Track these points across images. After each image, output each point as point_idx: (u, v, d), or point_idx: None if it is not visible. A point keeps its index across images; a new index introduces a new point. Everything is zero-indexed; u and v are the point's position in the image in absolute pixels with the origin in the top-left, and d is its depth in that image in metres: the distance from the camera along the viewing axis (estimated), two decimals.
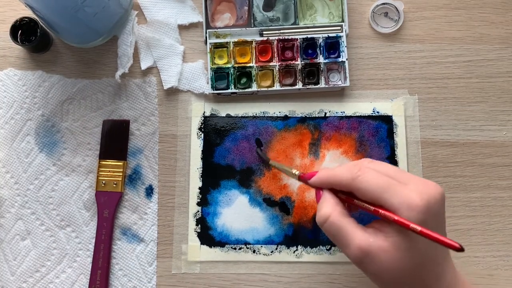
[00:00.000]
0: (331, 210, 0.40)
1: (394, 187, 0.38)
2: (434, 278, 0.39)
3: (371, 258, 0.38)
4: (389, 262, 0.37)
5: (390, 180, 0.38)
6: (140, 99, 0.54)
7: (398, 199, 0.37)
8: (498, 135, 0.54)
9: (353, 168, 0.40)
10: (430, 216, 0.37)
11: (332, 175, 0.41)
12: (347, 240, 0.38)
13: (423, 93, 0.55)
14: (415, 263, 0.38)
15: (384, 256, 0.37)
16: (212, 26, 0.56)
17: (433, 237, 0.35)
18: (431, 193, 0.37)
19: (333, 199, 0.41)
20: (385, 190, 0.38)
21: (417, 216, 0.36)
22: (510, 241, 0.52)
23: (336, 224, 0.39)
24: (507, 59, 0.55)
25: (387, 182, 0.38)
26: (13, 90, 0.54)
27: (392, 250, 0.37)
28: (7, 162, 0.53)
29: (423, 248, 0.38)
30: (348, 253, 0.39)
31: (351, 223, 0.39)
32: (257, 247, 0.52)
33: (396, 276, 0.38)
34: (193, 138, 0.54)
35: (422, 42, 0.56)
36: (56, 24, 0.51)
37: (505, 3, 0.56)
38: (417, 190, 0.37)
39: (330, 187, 0.41)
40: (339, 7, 0.56)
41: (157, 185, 0.53)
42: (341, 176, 0.40)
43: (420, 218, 0.36)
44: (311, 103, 0.55)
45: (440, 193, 0.38)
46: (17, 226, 0.52)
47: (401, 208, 0.37)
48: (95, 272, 0.51)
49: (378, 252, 0.37)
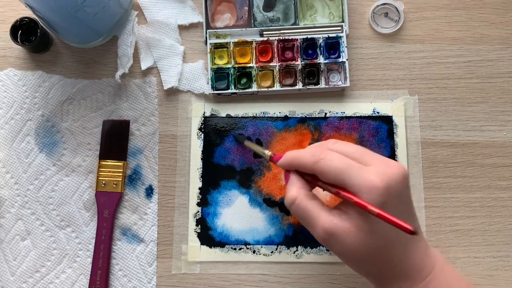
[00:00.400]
0: (297, 193, 0.40)
1: (354, 169, 0.38)
2: (398, 258, 0.39)
3: (335, 239, 0.38)
4: (352, 242, 0.38)
5: (351, 163, 0.38)
6: (140, 99, 0.54)
7: (358, 181, 0.37)
8: (499, 135, 0.54)
9: (317, 151, 0.40)
10: (391, 197, 0.37)
11: (296, 158, 0.41)
12: (312, 222, 0.39)
13: (423, 94, 0.55)
14: (378, 244, 0.38)
15: (348, 237, 0.38)
16: (212, 26, 0.56)
17: (388, 219, 0.36)
18: (392, 174, 0.37)
19: (299, 182, 0.41)
20: (345, 173, 0.38)
21: (377, 198, 0.36)
22: (510, 241, 0.52)
23: (302, 206, 0.40)
24: (507, 60, 0.55)
25: (348, 165, 0.38)
26: (13, 90, 0.54)
27: (355, 231, 0.38)
28: (7, 162, 0.53)
29: (385, 229, 0.38)
30: (314, 234, 0.40)
31: (316, 205, 0.39)
32: (257, 247, 0.52)
33: (360, 256, 0.39)
34: (193, 139, 0.54)
35: (422, 43, 0.56)
36: (56, 24, 0.51)
37: (505, 3, 0.56)
38: (377, 172, 0.37)
39: (296, 169, 0.42)
40: (339, 7, 0.56)
41: (157, 185, 0.53)
42: (304, 159, 0.40)
43: (380, 200, 0.36)
44: (311, 103, 0.55)
45: (402, 174, 0.38)
46: (17, 226, 0.52)
47: (361, 190, 0.37)
48: (95, 273, 0.51)
49: (341, 233, 0.38)
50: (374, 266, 0.40)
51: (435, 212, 0.53)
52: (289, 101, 0.55)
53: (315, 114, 0.54)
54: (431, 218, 0.52)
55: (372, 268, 0.40)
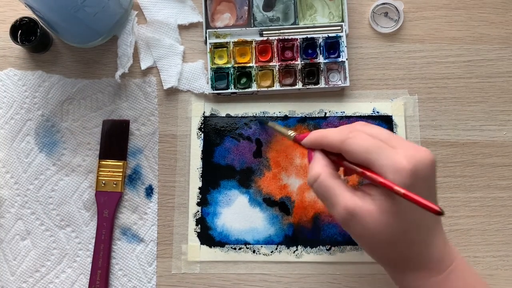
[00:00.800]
0: (321, 170, 0.39)
1: (382, 150, 0.37)
2: (420, 245, 0.39)
3: (357, 219, 0.37)
4: (374, 224, 0.37)
5: (379, 143, 0.38)
6: (140, 99, 0.54)
7: (386, 162, 0.36)
8: (498, 135, 0.54)
9: (345, 130, 0.40)
10: (418, 180, 0.36)
11: (323, 136, 0.41)
12: (334, 200, 0.38)
13: (423, 93, 0.55)
14: (401, 227, 0.37)
15: (370, 219, 0.37)
16: (212, 26, 0.56)
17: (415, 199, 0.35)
18: (420, 157, 0.37)
19: (324, 160, 0.40)
20: (374, 152, 0.37)
21: (403, 180, 0.36)
22: (510, 241, 0.52)
23: (325, 184, 0.39)
24: (507, 59, 0.55)
25: (376, 145, 0.37)
26: (13, 90, 0.54)
27: (378, 213, 0.37)
28: (7, 162, 0.53)
29: (410, 213, 0.37)
30: (335, 213, 0.39)
31: (340, 184, 0.39)
32: (257, 247, 0.52)
33: (381, 240, 0.38)
34: (193, 138, 0.54)
35: (422, 42, 0.56)
36: (56, 24, 0.51)
37: (505, 3, 0.56)
38: (405, 154, 0.36)
39: (321, 148, 0.41)
40: (339, 7, 0.56)
41: (157, 185, 0.53)
42: (332, 138, 0.40)
43: (407, 182, 0.36)
44: (311, 103, 0.55)
45: (430, 159, 0.37)
46: (17, 226, 0.52)
47: (387, 171, 0.36)
48: (95, 272, 0.51)
49: (364, 214, 0.37)
50: (394, 251, 0.39)
51: None
52: (289, 101, 0.55)
53: (315, 114, 0.54)
54: None
55: (392, 253, 0.39)
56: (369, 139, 0.38)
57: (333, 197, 0.38)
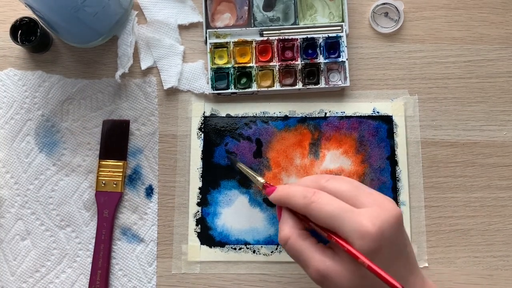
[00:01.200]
0: (290, 233, 0.40)
1: (346, 214, 0.37)
2: None
3: (329, 280, 0.38)
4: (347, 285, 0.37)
5: (343, 206, 0.38)
6: (140, 99, 0.54)
7: (350, 227, 0.36)
8: (498, 135, 0.54)
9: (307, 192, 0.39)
10: (385, 241, 0.36)
11: (287, 198, 0.41)
12: (306, 263, 0.39)
13: (423, 93, 0.55)
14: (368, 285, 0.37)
15: (340, 280, 0.37)
16: (212, 26, 0.56)
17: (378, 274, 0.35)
18: (385, 217, 0.37)
19: (292, 220, 0.41)
20: (337, 218, 0.37)
21: (370, 244, 0.36)
22: (510, 241, 0.52)
23: (295, 247, 0.39)
24: (507, 59, 0.55)
25: (339, 209, 0.37)
26: (13, 90, 0.54)
27: (348, 275, 0.37)
28: (7, 162, 0.53)
29: None
30: (308, 274, 0.39)
31: (310, 245, 0.39)
32: (257, 247, 0.52)
33: None
34: (193, 138, 0.54)
35: (422, 42, 0.56)
36: (56, 24, 0.51)
37: (505, 3, 0.56)
38: (370, 216, 0.36)
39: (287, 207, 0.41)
40: (339, 7, 0.56)
41: (157, 185, 0.53)
42: (296, 201, 0.40)
43: (373, 246, 0.36)
44: (311, 103, 0.55)
45: (395, 216, 0.37)
46: (17, 226, 0.52)
47: (353, 236, 0.36)
48: (95, 272, 0.51)
49: (334, 276, 0.37)
50: None
51: (435, 212, 0.53)
52: (289, 101, 0.55)
53: (315, 114, 0.54)
54: (431, 218, 0.52)
55: None
56: (332, 203, 0.38)
57: (304, 260, 0.39)
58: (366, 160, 0.53)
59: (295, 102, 0.55)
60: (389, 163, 0.53)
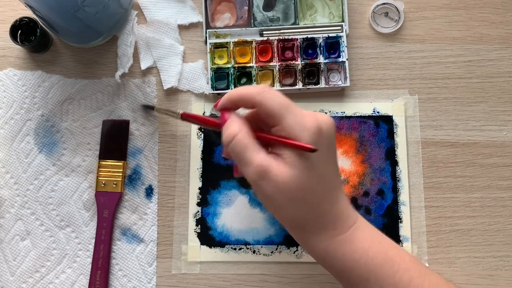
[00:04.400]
0: (239, 129, 0.40)
1: (293, 107, 0.40)
2: (330, 200, 0.41)
3: (270, 176, 0.39)
4: (287, 180, 0.39)
5: (290, 102, 0.41)
6: (140, 99, 0.54)
7: (294, 120, 0.39)
8: (499, 135, 0.54)
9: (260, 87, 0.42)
10: (322, 138, 0.39)
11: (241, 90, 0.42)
12: (250, 158, 0.39)
13: (423, 93, 0.55)
14: (311, 182, 0.39)
15: (282, 175, 0.39)
16: (212, 26, 0.56)
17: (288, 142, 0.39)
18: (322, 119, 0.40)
19: (241, 120, 0.42)
20: (286, 108, 0.40)
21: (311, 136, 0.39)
22: (510, 241, 0.52)
23: (242, 142, 0.40)
24: (507, 59, 0.55)
25: (288, 103, 0.40)
26: (13, 90, 0.54)
27: (289, 168, 0.39)
28: (7, 162, 0.53)
29: (319, 166, 0.40)
30: (248, 171, 0.40)
31: (256, 144, 0.40)
32: (257, 247, 0.52)
33: (292, 197, 0.39)
34: (193, 138, 0.54)
35: (422, 42, 0.56)
36: (56, 24, 0.51)
37: (505, 3, 0.56)
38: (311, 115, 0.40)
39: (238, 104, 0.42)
40: (339, 7, 0.55)
41: (157, 185, 0.53)
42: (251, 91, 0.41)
43: (313, 138, 0.39)
44: (311, 103, 0.54)
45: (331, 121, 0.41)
46: (16, 226, 0.52)
47: (296, 128, 0.39)
48: (94, 273, 0.51)
49: (276, 170, 0.39)
50: (304, 208, 0.40)
51: (435, 212, 0.53)
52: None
53: None
54: (431, 218, 0.52)
55: (301, 211, 0.40)
56: (283, 97, 0.41)
57: (249, 155, 0.40)
58: (366, 160, 0.53)
59: (295, 102, 0.54)
60: (389, 163, 0.53)
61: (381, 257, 0.41)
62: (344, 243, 0.41)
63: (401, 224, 0.52)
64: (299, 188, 0.39)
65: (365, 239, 0.41)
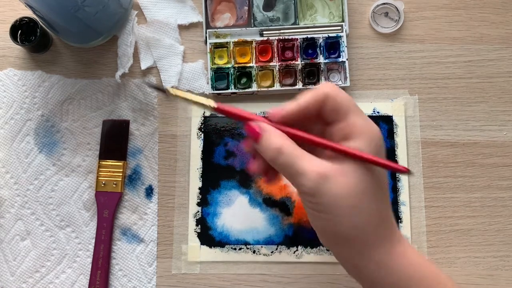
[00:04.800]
0: (282, 141, 0.37)
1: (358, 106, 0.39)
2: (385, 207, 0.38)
3: (331, 181, 0.35)
4: (347, 183, 0.36)
5: None
6: (140, 99, 0.54)
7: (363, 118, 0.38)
8: (499, 135, 0.54)
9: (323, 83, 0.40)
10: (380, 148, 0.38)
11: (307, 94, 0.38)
12: (303, 168, 0.36)
13: (423, 93, 0.55)
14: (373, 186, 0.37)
15: (342, 179, 0.35)
16: (212, 26, 0.56)
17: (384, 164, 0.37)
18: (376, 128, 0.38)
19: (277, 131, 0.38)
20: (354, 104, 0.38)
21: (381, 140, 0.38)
22: (510, 241, 0.52)
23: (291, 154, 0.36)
24: (508, 59, 0.55)
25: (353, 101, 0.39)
26: (13, 90, 0.54)
27: (350, 172, 0.36)
28: (7, 162, 0.53)
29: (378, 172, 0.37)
30: (304, 182, 0.36)
31: (305, 152, 0.37)
32: (257, 247, 0.52)
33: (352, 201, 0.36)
34: (193, 138, 0.54)
35: (422, 42, 0.56)
36: (56, 24, 0.51)
37: (505, 3, 0.56)
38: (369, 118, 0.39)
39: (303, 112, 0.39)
40: (339, 7, 0.55)
41: (157, 185, 0.53)
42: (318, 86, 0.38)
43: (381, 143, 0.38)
44: None
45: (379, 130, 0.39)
46: (17, 226, 0.52)
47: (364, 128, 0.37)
48: (95, 273, 0.51)
49: (336, 175, 0.35)
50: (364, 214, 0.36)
51: (435, 212, 0.53)
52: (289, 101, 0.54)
53: None
54: (431, 218, 0.52)
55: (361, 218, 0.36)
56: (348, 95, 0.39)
57: (300, 166, 0.36)
58: None
59: None
60: None
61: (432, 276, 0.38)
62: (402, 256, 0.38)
63: (401, 224, 0.52)
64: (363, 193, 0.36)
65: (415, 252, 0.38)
